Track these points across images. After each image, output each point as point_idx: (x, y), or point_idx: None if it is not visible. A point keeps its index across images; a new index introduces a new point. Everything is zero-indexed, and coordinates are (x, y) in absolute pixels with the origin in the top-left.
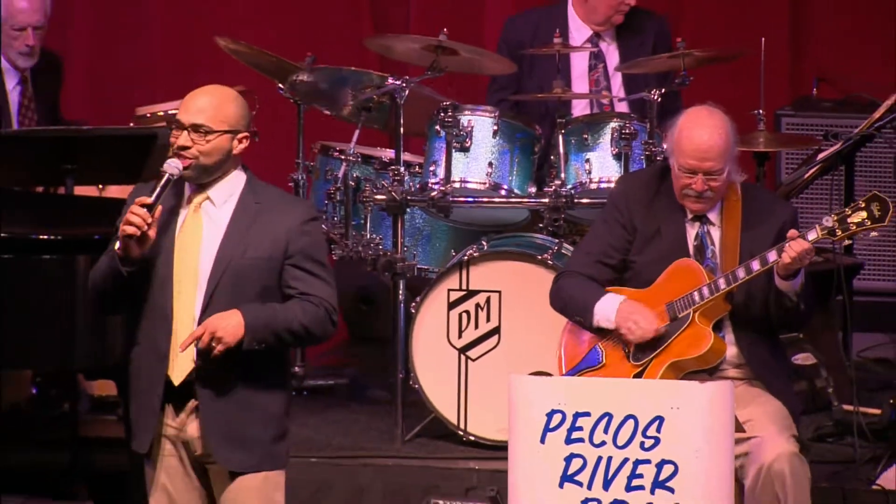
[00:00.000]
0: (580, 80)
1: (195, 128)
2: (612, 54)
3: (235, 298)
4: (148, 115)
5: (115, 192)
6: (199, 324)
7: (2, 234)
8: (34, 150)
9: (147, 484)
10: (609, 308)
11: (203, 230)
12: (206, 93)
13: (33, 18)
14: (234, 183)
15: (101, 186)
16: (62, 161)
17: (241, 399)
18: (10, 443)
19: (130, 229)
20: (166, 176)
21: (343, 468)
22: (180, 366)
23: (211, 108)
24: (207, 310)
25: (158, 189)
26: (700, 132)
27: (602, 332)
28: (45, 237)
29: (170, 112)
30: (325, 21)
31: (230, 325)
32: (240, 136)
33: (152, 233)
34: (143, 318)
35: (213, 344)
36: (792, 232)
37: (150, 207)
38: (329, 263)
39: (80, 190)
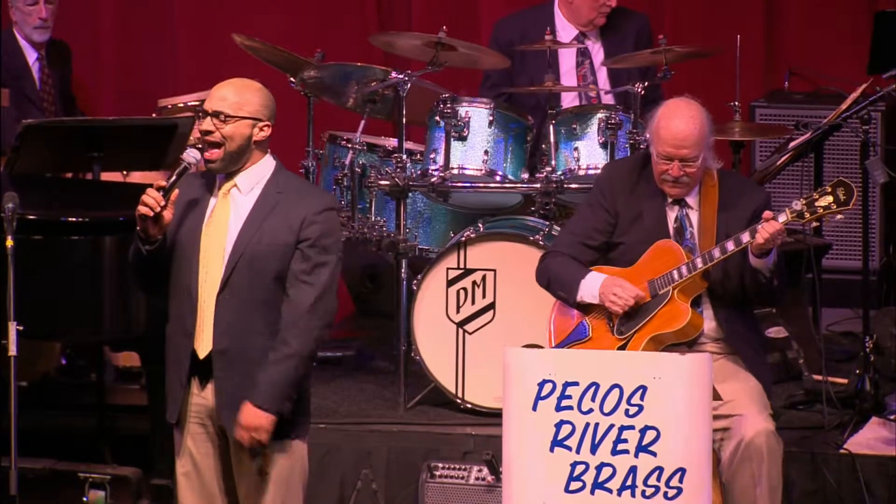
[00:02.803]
0: (568, 76)
1: (216, 114)
2: (597, 51)
3: (253, 281)
4: (169, 106)
5: (138, 177)
6: (218, 301)
7: (33, 217)
8: (63, 138)
9: (175, 448)
10: (593, 284)
11: (230, 216)
12: (229, 83)
13: None
14: (260, 171)
15: (125, 172)
16: (89, 148)
17: (255, 373)
18: (40, 409)
19: (144, 209)
20: (183, 164)
21: (350, 433)
22: (205, 341)
23: (232, 96)
24: (224, 290)
25: (175, 175)
26: (677, 122)
27: (585, 308)
28: (74, 219)
29: (189, 103)
30: (333, 19)
31: (255, 418)
32: (261, 124)
33: (167, 214)
34: (174, 298)
35: (256, 437)
36: (767, 213)
37: (165, 191)
38: (336, 250)
39: (106, 176)
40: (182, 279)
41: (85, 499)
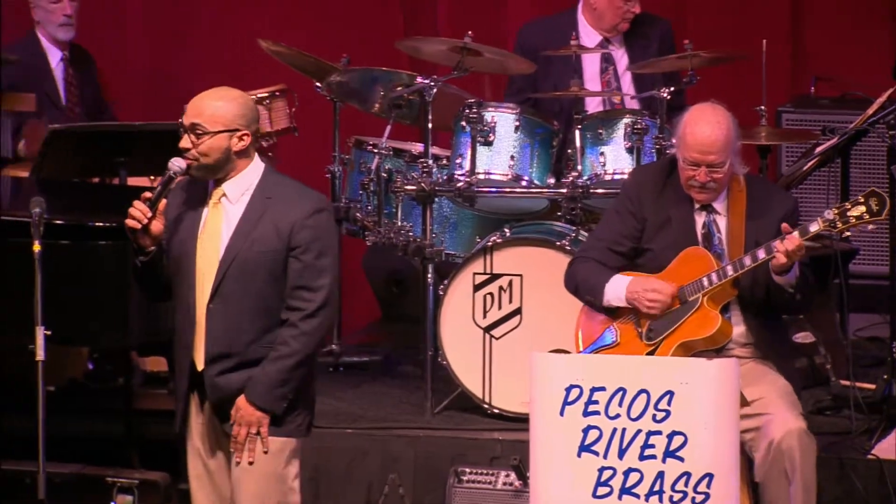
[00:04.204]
0: (592, 81)
1: (192, 128)
2: (620, 57)
3: (244, 289)
4: None
5: None
6: (208, 311)
7: (60, 222)
8: (90, 143)
9: (187, 446)
10: (619, 287)
11: (222, 226)
12: (203, 96)
13: None
14: (247, 178)
15: (152, 178)
16: (116, 153)
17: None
18: (67, 414)
19: (131, 222)
20: (168, 173)
21: (377, 438)
22: (200, 352)
23: (206, 109)
24: (215, 298)
25: (160, 186)
26: (703, 127)
27: (613, 313)
28: (101, 224)
29: None
30: (359, 24)
31: (250, 415)
32: (239, 133)
33: (155, 225)
34: (176, 310)
35: (254, 432)
36: (785, 226)
37: (152, 202)
38: (332, 252)
39: (132, 181)
40: (181, 291)
41: (112, 503)
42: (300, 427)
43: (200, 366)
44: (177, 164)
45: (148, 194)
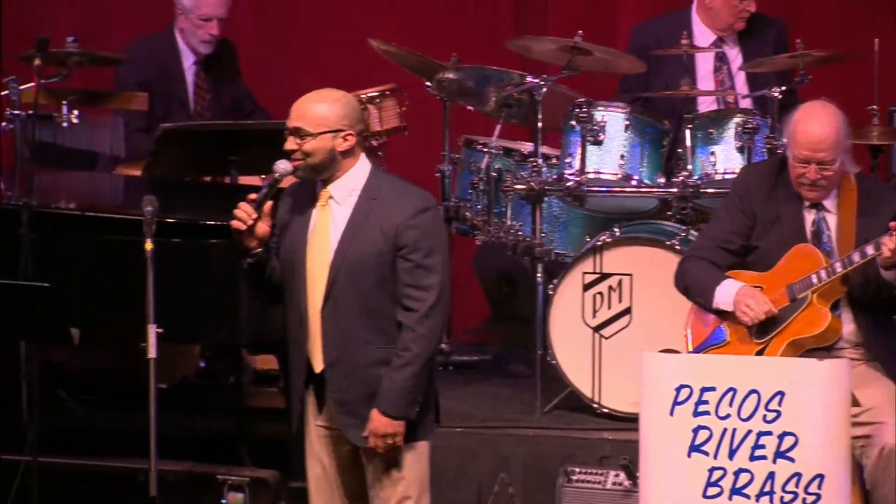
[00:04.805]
0: (705, 80)
1: (295, 131)
2: (734, 56)
3: (353, 292)
4: None
5: None
6: (322, 317)
7: (172, 220)
8: (201, 141)
9: (306, 451)
10: (728, 293)
11: (330, 228)
12: (306, 99)
13: (219, 10)
14: (353, 179)
15: (263, 176)
16: (227, 152)
17: (371, 379)
18: (179, 412)
19: (236, 223)
20: (273, 175)
21: (487, 437)
22: (317, 354)
23: (308, 112)
24: (327, 303)
25: (265, 187)
26: (813, 125)
27: (723, 312)
28: (212, 223)
29: None
30: (469, 23)
31: (386, 426)
32: (343, 134)
33: (261, 227)
34: (287, 310)
35: (391, 443)
36: (893, 223)
37: (257, 203)
38: (441, 250)
39: (243, 179)
40: (291, 291)
41: (224, 501)
42: (430, 427)
43: (318, 368)
44: (282, 165)
45: (253, 196)
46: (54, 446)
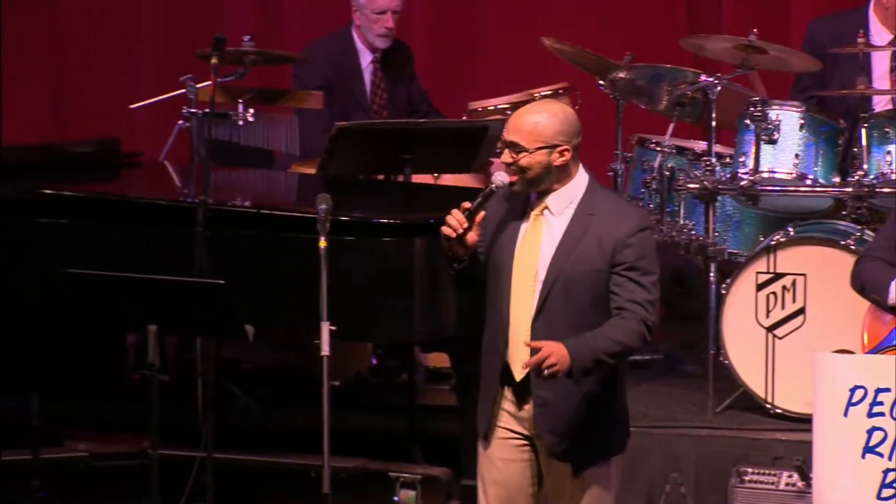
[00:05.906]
0: (881, 80)
1: (511, 145)
2: None
3: (567, 307)
4: (479, 109)
5: (448, 180)
6: (533, 329)
7: (346, 218)
8: (375, 140)
9: (480, 452)
10: None
11: (542, 239)
12: (523, 112)
13: (394, 3)
14: (571, 192)
15: (436, 175)
16: (400, 151)
17: (576, 398)
18: (351, 409)
19: (447, 230)
20: (490, 187)
21: (658, 437)
22: (518, 363)
23: (524, 126)
24: (540, 316)
25: (480, 198)
26: None
27: None
28: (385, 221)
29: (499, 106)
30: (643, 22)
31: (563, 357)
32: (559, 149)
33: (471, 236)
34: (489, 315)
35: (546, 369)
36: None
37: (470, 213)
38: (656, 271)
39: (416, 178)
40: (495, 298)
41: (396, 498)
42: (625, 444)
43: (519, 376)
44: (500, 178)
45: (467, 204)
46: (229, 442)
